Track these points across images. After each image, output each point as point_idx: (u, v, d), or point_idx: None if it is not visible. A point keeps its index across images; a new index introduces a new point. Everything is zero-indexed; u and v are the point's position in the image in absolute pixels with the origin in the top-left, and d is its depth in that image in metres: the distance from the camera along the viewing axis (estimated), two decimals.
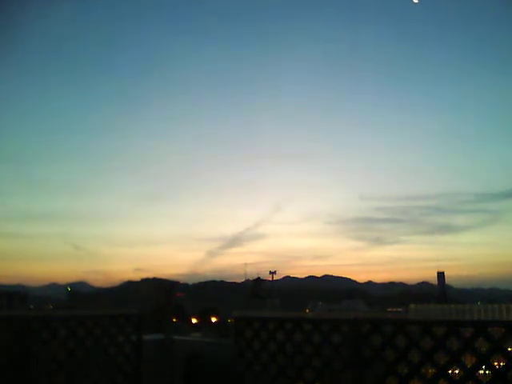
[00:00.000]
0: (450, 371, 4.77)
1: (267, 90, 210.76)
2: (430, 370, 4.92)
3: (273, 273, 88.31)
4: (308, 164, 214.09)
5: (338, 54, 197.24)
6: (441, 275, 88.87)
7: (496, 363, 4.58)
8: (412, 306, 5.32)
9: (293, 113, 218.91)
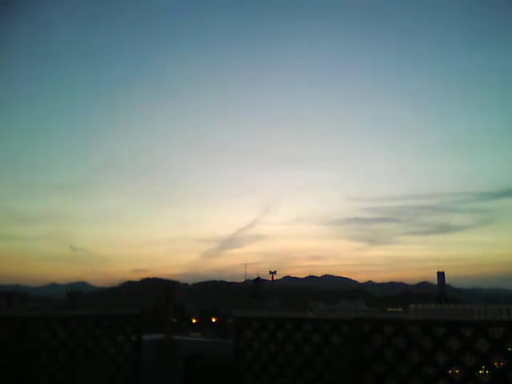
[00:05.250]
0: (449, 371, 4.77)
1: (260, 96, 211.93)
2: (430, 370, 4.91)
3: (273, 273, 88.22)
4: (303, 166, 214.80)
5: (330, 60, 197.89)
6: (441, 275, 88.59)
7: (496, 363, 4.57)
8: (412, 306, 5.32)
9: (287, 117, 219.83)
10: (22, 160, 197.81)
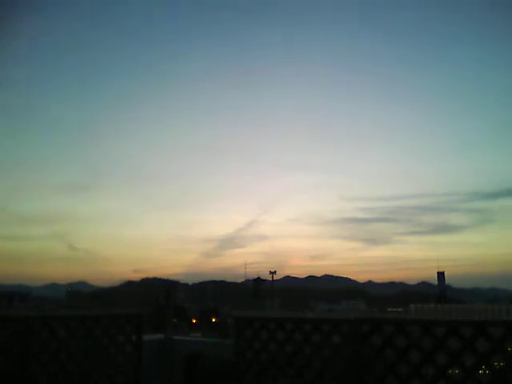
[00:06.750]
0: (449, 371, 4.76)
1: (258, 102, 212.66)
2: (430, 371, 4.90)
3: (273, 273, 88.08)
4: (302, 167, 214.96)
5: (327, 72, 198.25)
6: (441, 275, 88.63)
7: (496, 363, 4.57)
8: (412, 306, 5.31)
9: (286, 119, 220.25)
10: (22, 161, 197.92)
